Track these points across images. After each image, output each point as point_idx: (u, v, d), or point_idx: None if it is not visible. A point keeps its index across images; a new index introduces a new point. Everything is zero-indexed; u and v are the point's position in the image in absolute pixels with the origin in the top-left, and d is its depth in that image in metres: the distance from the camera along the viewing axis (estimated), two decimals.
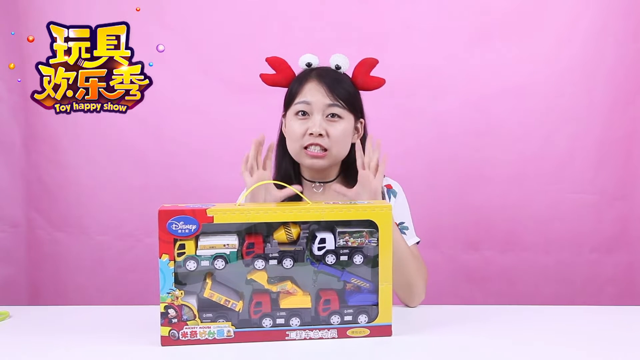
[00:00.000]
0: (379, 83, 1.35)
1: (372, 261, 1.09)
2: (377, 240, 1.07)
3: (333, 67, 1.34)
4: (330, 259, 1.08)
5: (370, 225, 1.07)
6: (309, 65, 1.34)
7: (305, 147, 1.30)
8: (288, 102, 1.34)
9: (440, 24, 1.88)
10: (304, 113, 1.30)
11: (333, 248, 1.07)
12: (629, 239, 1.91)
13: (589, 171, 1.89)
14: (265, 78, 1.36)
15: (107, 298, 1.95)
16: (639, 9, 1.83)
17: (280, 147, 1.39)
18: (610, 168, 1.89)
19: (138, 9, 1.48)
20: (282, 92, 1.38)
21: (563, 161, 1.89)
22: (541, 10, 1.86)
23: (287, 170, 1.38)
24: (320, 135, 1.28)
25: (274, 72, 1.35)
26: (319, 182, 1.37)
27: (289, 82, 1.35)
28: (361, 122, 1.37)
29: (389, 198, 1.39)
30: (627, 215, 1.90)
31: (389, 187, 1.40)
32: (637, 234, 1.91)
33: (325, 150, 1.30)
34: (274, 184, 1.25)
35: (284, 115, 1.37)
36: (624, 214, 1.90)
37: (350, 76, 1.35)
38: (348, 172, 1.37)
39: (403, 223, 1.37)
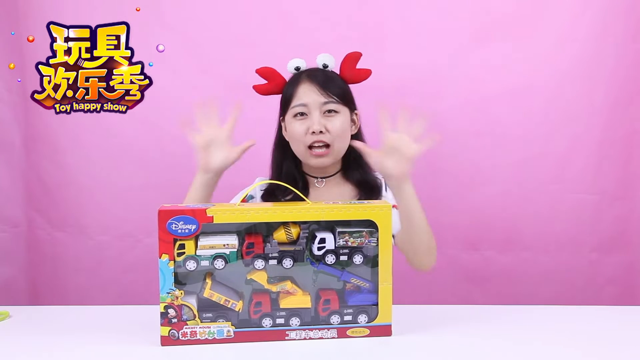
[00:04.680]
0: (365, 74, 1.40)
1: (372, 261, 1.09)
2: (377, 240, 1.07)
3: (320, 66, 1.40)
4: (330, 259, 1.08)
5: (370, 225, 1.07)
6: (297, 69, 1.40)
7: (310, 147, 1.35)
8: (284, 106, 1.39)
9: (441, 24, 1.88)
10: (302, 114, 1.35)
11: (333, 248, 1.07)
12: (629, 239, 1.91)
13: (589, 171, 1.89)
14: (258, 89, 1.42)
15: (107, 298, 1.95)
16: (639, 9, 1.83)
17: (278, 148, 1.45)
18: (610, 168, 1.88)
19: (138, 9, 1.48)
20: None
21: (563, 161, 1.89)
22: (541, 10, 1.86)
23: (290, 170, 1.42)
24: (321, 132, 1.33)
25: (265, 82, 1.41)
26: (320, 178, 1.42)
27: (281, 88, 1.40)
28: (356, 114, 1.43)
29: (386, 188, 1.41)
30: (627, 215, 1.90)
31: None
32: (637, 234, 1.90)
33: (328, 146, 1.35)
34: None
35: (282, 120, 1.42)
36: (624, 214, 1.90)
37: (338, 72, 1.41)
38: (348, 167, 1.43)
39: None
